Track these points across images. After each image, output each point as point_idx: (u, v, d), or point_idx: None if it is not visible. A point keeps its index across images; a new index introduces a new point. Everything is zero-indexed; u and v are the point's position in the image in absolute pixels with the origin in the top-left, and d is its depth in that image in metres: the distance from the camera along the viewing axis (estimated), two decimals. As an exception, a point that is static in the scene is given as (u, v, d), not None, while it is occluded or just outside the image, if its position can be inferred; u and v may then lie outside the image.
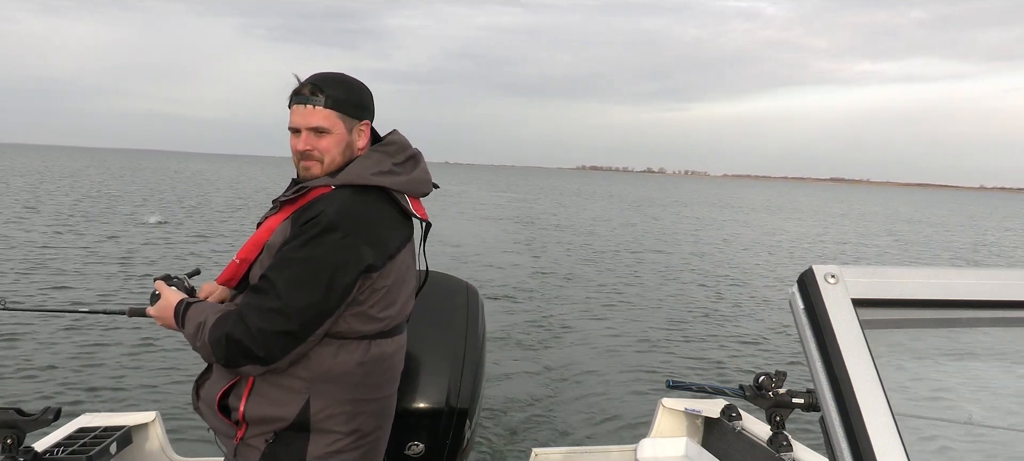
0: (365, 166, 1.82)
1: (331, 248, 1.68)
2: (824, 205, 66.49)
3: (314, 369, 1.75)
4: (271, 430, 1.77)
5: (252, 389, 1.76)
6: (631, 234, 25.50)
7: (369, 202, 1.79)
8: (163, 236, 17.90)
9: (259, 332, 1.65)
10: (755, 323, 10.63)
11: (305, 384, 1.75)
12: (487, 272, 13.89)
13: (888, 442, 0.80)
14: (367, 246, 1.72)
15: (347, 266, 1.69)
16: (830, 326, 0.88)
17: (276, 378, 1.75)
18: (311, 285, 1.66)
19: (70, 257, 13.60)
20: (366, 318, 1.78)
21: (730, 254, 20.13)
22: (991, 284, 0.92)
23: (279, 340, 1.66)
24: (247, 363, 1.68)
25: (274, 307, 1.65)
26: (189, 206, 28.09)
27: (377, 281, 1.76)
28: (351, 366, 1.78)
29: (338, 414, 1.79)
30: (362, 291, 1.74)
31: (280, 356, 1.68)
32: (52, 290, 10.55)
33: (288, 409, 1.75)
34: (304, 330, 1.67)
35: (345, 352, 1.77)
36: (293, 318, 1.65)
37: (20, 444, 2.39)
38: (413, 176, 1.89)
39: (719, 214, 41.65)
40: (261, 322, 1.65)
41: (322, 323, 1.69)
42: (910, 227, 38.11)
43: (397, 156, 1.88)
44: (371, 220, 1.76)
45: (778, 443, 2.81)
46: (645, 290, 13.25)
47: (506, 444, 5.61)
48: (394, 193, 1.83)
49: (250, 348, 1.65)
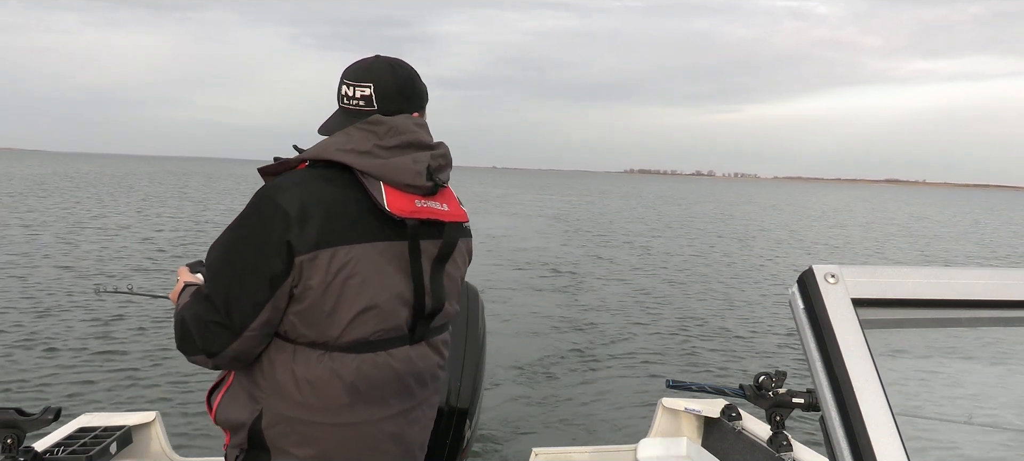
0: (337, 141, 1.61)
1: (255, 226, 1.51)
2: (879, 203, 65.13)
3: (269, 376, 1.59)
4: (239, 442, 1.64)
5: (227, 389, 1.67)
6: (638, 232, 25.50)
7: (332, 184, 1.57)
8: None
9: (196, 319, 1.55)
10: (755, 323, 10.63)
11: (262, 392, 1.60)
12: (489, 272, 13.90)
13: (888, 442, 0.80)
14: (296, 224, 1.49)
15: (270, 246, 1.49)
16: (830, 326, 0.88)
17: (245, 381, 1.64)
18: (234, 269, 1.51)
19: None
20: (309, 319, 1.55)
21: (733, 253, 20.13)
22: (991, 284, 0.92)
23: (211, 330, 1.53)
24: (195, 352, 1.58)
25: (205, 293, 1.55)
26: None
27: (308, 273, 1.51)
28: (299, 379, 1.57)
29: (288, 433, 1.59)
30: (297, 283, 1.52)
31: (217, 349, 1.54)
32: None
33: (245, 415, 1.61)
34: (232, 321, 1.51)
35: (297, 362, 1.57)
36: (220, 305, 1.51)
37: (20, 444, 2.39)
38: (395, 162, 1.59)
39: (731, 212, 41.69)
40: (197, 309, 1.55)
41: (256, 314, 1.51)
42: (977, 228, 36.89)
43: (386, 138, 1.61)
44: (312, 198, 1.52)
45: (778, 443, 2.81)
46: (646, 289, 13.25)
47: (506, 444, 5.61)
48: (361, 176, 1.57)
49: (193, 335, 1.56)
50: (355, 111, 1.67)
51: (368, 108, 1.67)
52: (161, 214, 25.01)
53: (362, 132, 1.61)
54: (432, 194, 1.67)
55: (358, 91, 1.67)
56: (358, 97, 1.67)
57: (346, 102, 1.68)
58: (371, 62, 1.70)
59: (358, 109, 1.66)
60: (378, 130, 1.61)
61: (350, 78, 1.67)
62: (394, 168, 1.59)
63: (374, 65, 1.70)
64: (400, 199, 1.59)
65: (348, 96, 1.67)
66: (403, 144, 1.62)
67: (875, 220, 41.52)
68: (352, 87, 1.67)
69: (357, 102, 1.67)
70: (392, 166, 1.59)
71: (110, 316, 9.01)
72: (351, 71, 1.69)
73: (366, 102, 1.67)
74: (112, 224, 20.74)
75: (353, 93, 1.67)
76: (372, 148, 1.59)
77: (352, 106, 1.67)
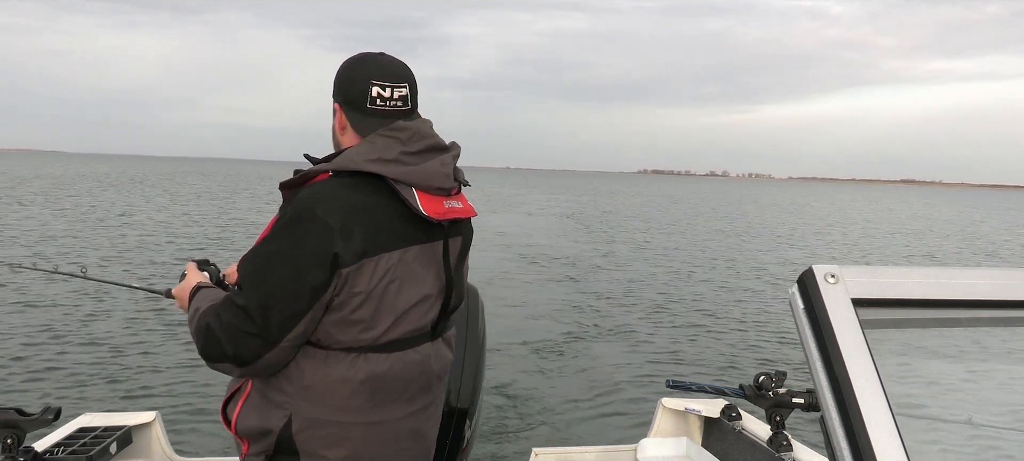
0: (362, 150, 1.59)
1: (296, 240, 1.51)
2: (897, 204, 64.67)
3: (297, 381, 1.59)
4: (263, 449, 1.64)
5: (246, 399, 1.67)
6: (639, 232, 25.50)
7: (361, 192, 1.57)
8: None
9: (229, 328, 1.54)
10: (755, 323, 10.63)
11: (288, 398, 1.61)
12: (489, 271, 13.91)
13: (888, 442, 0.80)
14: (339, 236, 1.50)
15: (314, 260, 1.50)
16: (830, 326, 0.88)
17: (266, 389, 1.63)
18: (273, 282, 1.51)
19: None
20: (347, 325, 1.57)
21: (734, 252, 20.13)
22: (991, 284, 0.92)
23: (246, 340, 1.52)
24: (223, 360, 1.57)
25: (240, 304, 1.53)
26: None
27: (352, 282, 1.53)
28: (332, 381, 1.58)
29: (321, 436, 1.61)
30: (338, 292, 1.54)
31: (250, 358, 1.54)
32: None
33: (272, 422, 1.61)
34: (270, 331, 1.51)
35: (328, 365, 1.59)
36: (257, 317, 1.51)
37: (20, 444, 2.39)
38: (425, 167, 1.62)
39: (737, 212, 41.70)
40: (231, 318, 1.54)
41: (293, 326, 1.52)
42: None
43: (410, 144, 1.61)
44: (350, 209, 1.53)
45: (778, 443, 2.81)
46: (646, 289, 13.25)
47: (506, 444, 5.61)
48: (394, 184, 1.58)
49: (223, 343, 1.55)
50: (391, 112, 1.65)
51: (404, 108, 1.66)
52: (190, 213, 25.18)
53: (387, 139, 1.61)
54: (453, 194, 1.71)
55: (395, 92, 1.65)
56: (396, 98, 1.65)
57: (380, 104, 1.64)
58: (387, 60, 1.69)
59: (395, 110, 1.65)
60: (401, 136, 1.62)
61: (383, 79, 1.64)
62: (425, 174, 1.61)
63: (396, 63, 1.70)
64: (432, 203, 1.62)
65: (383, 97, 1.64)
66: (426, 148, 1.64)
67: (878, 220, 41.53)
68: (389, 88, 1.64)
69: (395, 103, 1.65)
70: (423, 172, 1.61)
71: (111, 316, 9.01)
72: (379, 72, 1.65)
73: (403, 102, 1.66)
74: (112, 217, 20.76)
75: (390, 94, 1.64)
76: (399, 155, 1.60)
77: (389, 107, 1.65)
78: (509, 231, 24.24)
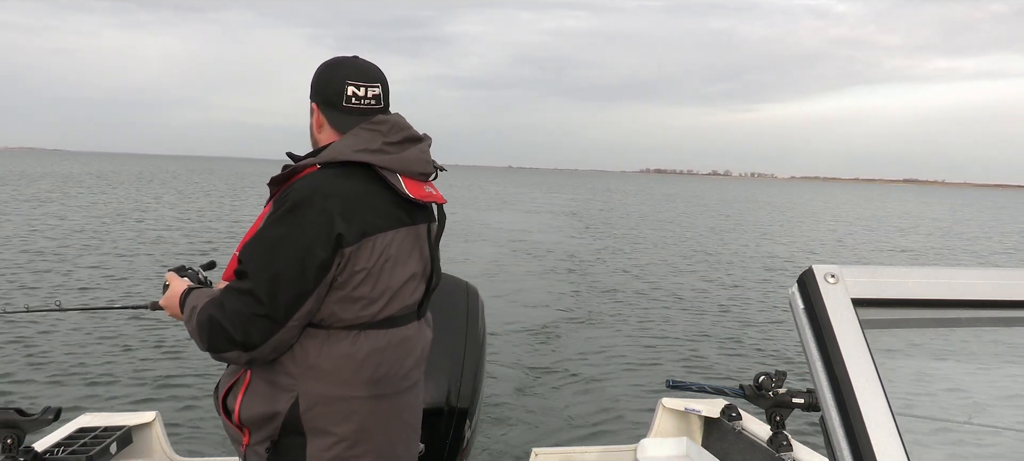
0: (348, 143, 1.73)
1: (300, 224, 1.61)
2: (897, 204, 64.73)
3: (301, 362, 1.68)
4: (268, 435, 1.71)
5: (248, 387, 1.72)
6: (640, 231, 25.50)
7: (352, 180, 1.70)
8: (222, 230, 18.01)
9: (235, 314, 1.60)
10: (755, 323, 10.63)
11: (293, 379, 1.69)
12: (489, 271, 13.91)
13: (888, 442, 0.80)
14: (340, 218, 1.62)
15: (318, 241, 1.60)
16: (830, 326, 0.88)
17: (268, 374, 1.70)
18: (280, 264, 1.60)
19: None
20: (349, 303, 1.68)
21: (734, 252, 20.13)
22: (991, 284, 0.92)
23: (255, 323, 1.60)
24: (230, 348, 1.63)
25: (246, 289, 1.61)
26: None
27: (354, 261, 1.65)
28: (338, 358, 1.68)
29: (329, 412, 1.70)
30: (341, 271, 1.65)
31: (259, 341, 1.61)
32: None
33: (278, 406, 1.69)
34: (278, 312, 1.60)
35: (331, 343, 1.68)
36: (265, 300, 1.59)
37: (20, 444, 2.40)
38: (405, 155, 1.77)
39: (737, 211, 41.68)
40: (237, 304, 1.61)
41: (300, 306, 1.61)
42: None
43: (390, 135, 1.76)
44: (347, 195, 1.66)
45: (778, 443, 2.81)
46: (646, 288, 13.25)
47: (506, 444, 5.61)
48: (381, 171, 1.72)
49: (229, 331, 1.61)
50: (366, 110, 1.80)
51: (378, 106, 1.82)
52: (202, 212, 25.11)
53: (369, 132, 1.75)
54: (429, 180, 1.87)
55: (370, 91, 1.81)
56: (370, 97, 1.81)
57: (355, 102, 1.79)
58: (362, 63, 1.85)
59: (369, 108, 1.81)
60: (382, 129, 1.76)
61: (357, 79, 1.80)
62: (407, 161, 1.77)
63: (370, 66, 1.85)
64: (415, 187, 1.78)
65: (358, 96, 1.79)
66: (404, 139, 1.79)
67: (866, 217, 41.51)
68: (363, 87, 1.80)
69: (369, 101, 1.81)
70: (404, 159, 1.77)
71: (111, 316, 9.01)
72: (355, 73, 1.81)
73: (376, 101, 1.82)
74: (106, 215, 20.76)
75: (364, 93, 1.80)
76: (382, 146, 1.74)
77: (364, 105, 1.80)
78: (509, 228, 24.25)
